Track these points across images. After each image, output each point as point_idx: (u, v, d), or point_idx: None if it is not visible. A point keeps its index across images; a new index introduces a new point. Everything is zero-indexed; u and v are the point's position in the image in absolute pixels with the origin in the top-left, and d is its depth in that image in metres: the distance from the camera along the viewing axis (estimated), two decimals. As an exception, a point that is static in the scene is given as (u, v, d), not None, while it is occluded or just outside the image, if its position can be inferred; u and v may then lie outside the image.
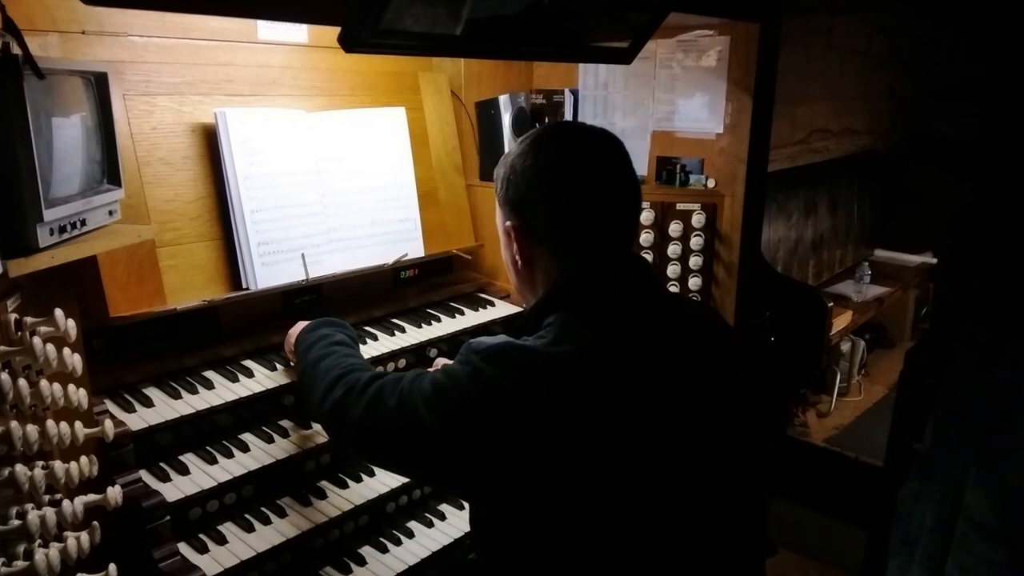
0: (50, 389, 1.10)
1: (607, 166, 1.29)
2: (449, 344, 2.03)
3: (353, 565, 1.62)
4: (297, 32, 1.93)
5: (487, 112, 2.30)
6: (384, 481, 1.73)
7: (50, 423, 1.11)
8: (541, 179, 1.27)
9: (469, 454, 1.17)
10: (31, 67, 1.10)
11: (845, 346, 3.49)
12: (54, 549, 1.09)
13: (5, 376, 1.04)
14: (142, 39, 1.66)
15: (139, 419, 1.48)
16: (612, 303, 1.24)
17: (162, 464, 1.50)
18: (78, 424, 1.17)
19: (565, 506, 1.16)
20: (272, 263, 1.79)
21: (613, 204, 1.28)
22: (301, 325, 1.66)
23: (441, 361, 1.89)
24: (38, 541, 1.08)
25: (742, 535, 1.33)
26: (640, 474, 1.18)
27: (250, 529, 1.51)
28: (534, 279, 1.33)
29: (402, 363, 1.92)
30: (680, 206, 2.25)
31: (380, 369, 1.69)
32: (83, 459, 1.19)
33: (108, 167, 1.36)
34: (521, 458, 1.14)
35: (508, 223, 1.31)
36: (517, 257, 1.32)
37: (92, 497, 1.19)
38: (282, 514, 1.56)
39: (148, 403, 1.53)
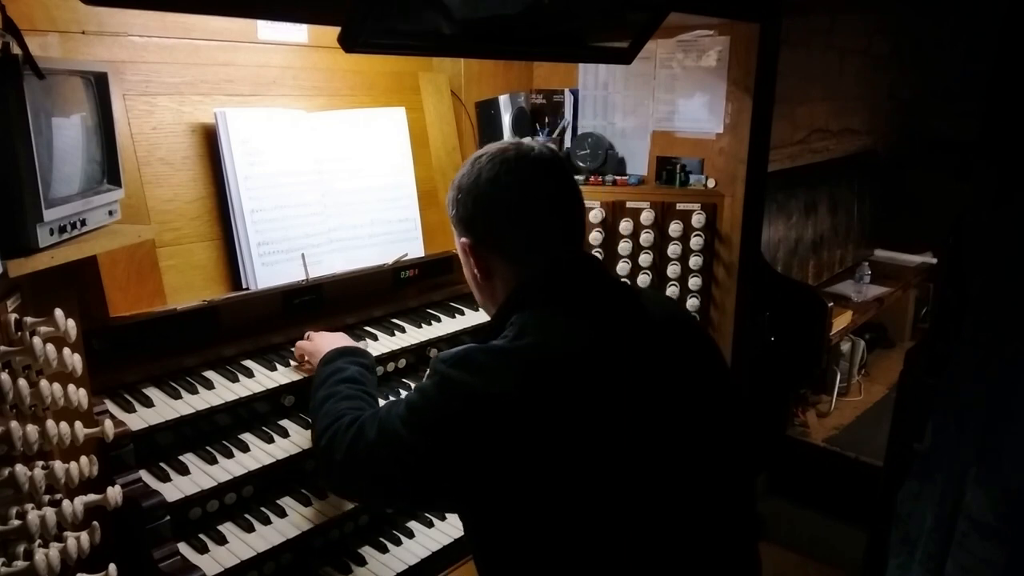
0: (50, 389, 1.10)
1: (544, 174, 1.35)
2: (449, 344, 2.03)
3: (353, 565, 1.62)
4: (297, 32, 1.93)
5: (487, 112, 2.30)
6: (384, 481, 1.73)
7: (50, 423, 1.11)
8: (485, 192, 1.33)
9: (451, 463, 1.19)
10: (31, 67, 1.10)
11: (845, 346, 3.49)
12: (54, 549, 1.09)
13: (5, 376, 1.04)
14: (142, 39, 1.66)
15: (139, 419, 1.48)
16: (569, 299, 1.29)
17: (162, 464, 1.50)
18: (78, 424, 1.17)
19: (549, 497, 1.17)
20: (272, 263, 1.79)
21: (555, 209, 1.35)
22: (323, 340, 1.68)
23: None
24: (38, 541, 1.08)
25: (732, 517, 1.34)
26: (618, 459, 1.19)
27: (250, 529, 1.51)
28: (494, 290, 1.39)
29: (402, 363, 1.92)
30: (680, 206, 2.25)
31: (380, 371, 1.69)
32: (83, 459, 1.19)
33: (108, 167, 1.36)
34: (501, 455, 1.16)
35: (463, 240, 1.38)
36: (476, 271, 1.38)
37: (92, 497, 1.19)
38: (282, 514, 1.56)
39: (148, 403, 1.53)
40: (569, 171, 1.40)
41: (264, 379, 1.67)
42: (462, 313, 2.12)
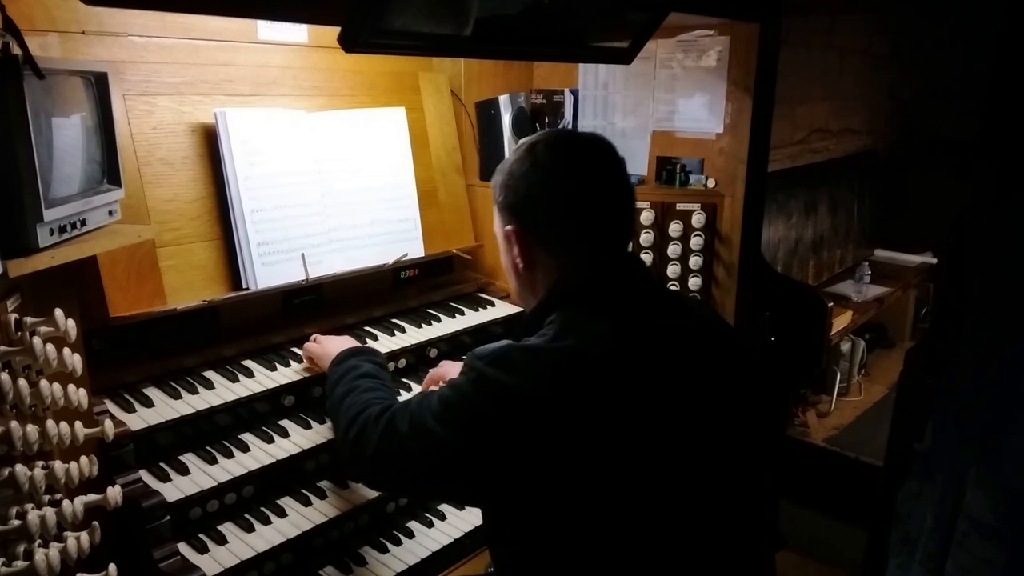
0: (50, 389, 1.10)
1: (602, 168, 1.32)
2: (449, 344, 2.04)
3: (353, 565, 1.62)
4: (297, 32, 1.93)
5: (487, 112, 2.30)
6: (384, 481, 1.73)
7: (50, 423, 1.11)
8: (539, 182, 1.30)
9: (484, 459, 1.18)
10: (31, 67, 1.10)
11: (845, 346, 3.48)
12: (54, 549, 1.09)
13: (5, 376, 1.04)
14: (142, 39, 1.66)
15: (139, 419, 1.48)
16: (612, 300, 1.26)
17: (162, 464, 1.50)
18: (78, 424, 1.17)
19: (575, 500, 1.17)
20: (272, 263, 1.79)
21: (609, 205, 1.32)
22: (331, 343, 1.68)
23: (445, 363, 1.89)
24: (38, 541, 1.08)
25: (750, 527, 1.34)
26: (647, 466, 1.18)
27: (250, 529, 1.51)
28: (535, 281, 1.35)
29: (402, 363, 1.92)
30: (680, 206, 2.25)
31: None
32: (83, 459, 1.19)
33: (108, 167, 1.36)
34: (533, 455, 1.15)
35: (508, 227, 1.34)
36: (518, 260, 1.34)
37: (92, 497, 1.19)
38: (282, 514, 1.56)
39: (148, 403, 1.53)
40: (623, 163, 1.35)
41: (264, 379, 1.68)
42: (462, 313, 2.12)
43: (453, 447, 1.18)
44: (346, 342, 1.69)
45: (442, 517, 1.79)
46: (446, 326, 2.03)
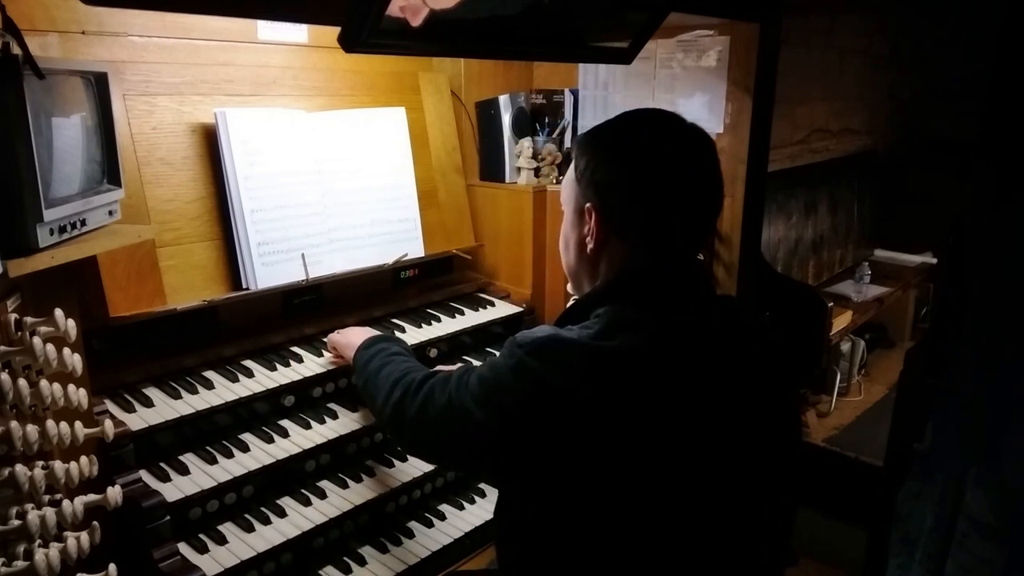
0: (50, 389, 1.10)
1: (702, 168, 1.25)
2: (449, 344, 2.04)
3: (353, 565, 1.62)
4: (297, 32, 1.93)
5: (487, 112, 2.30)
6: (384, 481, 1.73)
7: (50, 423, 1.11)
8: (636, 169, 1.21)
9: (516, 447, 1.17)
10: (31, 67, 1.10)
11: (845, 346, 3.48)
12: (54, 549, 1.09)
13: (5, 376, 1.04)
14: (142, 39, 1.66)
15: (139, 419, 1.48)
16: (666, 306, 1.21)
17: (162, 464, 1.50)
18: (78, 424, 1.17)
19: (593, 495, 1.16)
20: (272, 263, 1.79)
21: (700, 208, 1.25)
22: (355, 333, 1.70)
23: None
24: (38, 541, 1.08)
25: (764, 542, 1.33)
26: (669, 472, 1.17)
27: (250, 529, 1.51)
28: (597, 265, 1.29)
29: (402, 363, 1.92)
30: (680, 206, 2.25)
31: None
32: (83, 459, 1.19)
33: (108, 167, 1.36)
34: (562, 448, 1.14)
35: (588, 204, 1.25)
36: (589, 241, 1.26)
37: (92, 497, 1.19)
38: (282, 514, 1.56)
39: (148, 403, 1.53)
40: (719, 164, 1.26)
41: (264, 379, 1.68)
42: (462, 313, 2.11)
43: (488, 431, 1.17)
44: (369, 332, 1.72)
45: (442, 517, 1.79)
46: (446, 326, 2.03)
